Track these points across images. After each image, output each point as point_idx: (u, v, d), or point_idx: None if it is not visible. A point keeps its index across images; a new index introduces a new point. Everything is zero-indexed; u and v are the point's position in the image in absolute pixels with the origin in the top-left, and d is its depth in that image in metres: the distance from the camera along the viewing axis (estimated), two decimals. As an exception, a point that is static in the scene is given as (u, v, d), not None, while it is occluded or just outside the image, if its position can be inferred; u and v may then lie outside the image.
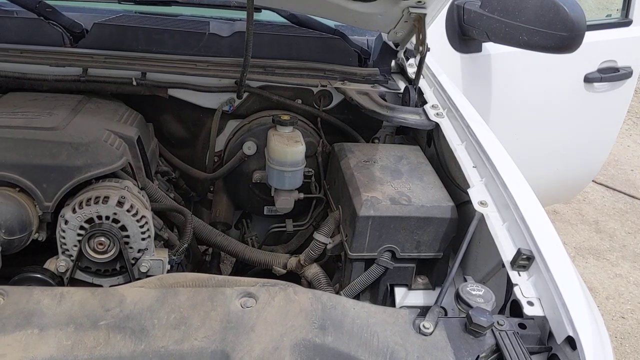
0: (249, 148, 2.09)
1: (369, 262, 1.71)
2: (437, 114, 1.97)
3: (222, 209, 2.24)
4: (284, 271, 1.91)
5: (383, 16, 2.03)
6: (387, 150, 1.95)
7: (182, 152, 2.27)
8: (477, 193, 1.64)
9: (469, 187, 1.69)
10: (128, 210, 1.53)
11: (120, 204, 1.52)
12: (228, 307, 1.14)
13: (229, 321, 1.12)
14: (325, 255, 1.88)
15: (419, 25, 2.01)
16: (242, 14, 2.27)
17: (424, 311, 1.28)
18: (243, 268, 2.33)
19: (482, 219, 1.57)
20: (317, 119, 2.18)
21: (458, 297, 1.33)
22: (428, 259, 1.74)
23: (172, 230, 1.95)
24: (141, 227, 1.55)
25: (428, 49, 1.99)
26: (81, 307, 1.09)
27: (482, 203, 1.60)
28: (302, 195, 2.00)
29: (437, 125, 1.95)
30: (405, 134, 2.31)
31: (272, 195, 2.02)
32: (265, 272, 2.06)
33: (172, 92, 2.09)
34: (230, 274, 2.33)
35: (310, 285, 1.84)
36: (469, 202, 1.71)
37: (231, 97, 2.14)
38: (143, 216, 1.56)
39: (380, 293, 1.75)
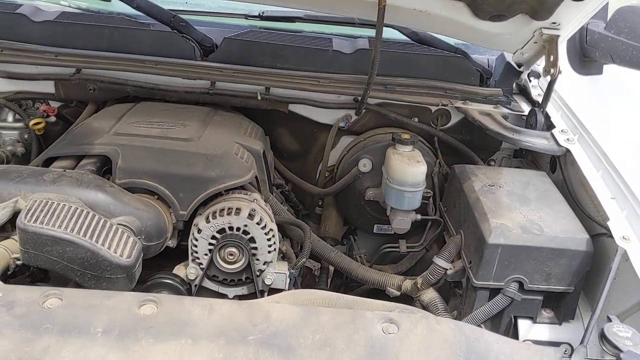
0: (365, 165, 2.08)
1: (494, 292, 1.64)
2: (568, 139, 1.88)
3: (332, 224, 2.24)
4: (398, 293, 1.87)
5: (512, 36, 1.96)
6: (511, 174, 1.88)
7: (292, 165, 2.30)
8: (619, 227, 1.54)
9: (604, 219, 1.59)
10: (258, 223, 1.55)
11: (251, 216, 1.54)
12: (370, 331, 1.12)
13: (373, 346, 1.09)
14: (441, 280, 1.83)
15: (550, 46, 1.93)
16: (363, 31, 2.28)
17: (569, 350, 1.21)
18: (347, 285, 2.32)
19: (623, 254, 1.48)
20: (433, 138, 2.14)
21: (604, 338, 1.24)
22: (555, 292, 1.65)
23: (283, 242, 1.96)
24: (268, 239, 1.57)
25: (560, 72, 1.91)
26: (230, 320, 1.10)
27: (624, 238, 1.50)
28: (419, 217, 1.96)
29: (567, 151, 1.86)
30: (523, 157, 2.22)
31: (388, 214, 1.99)
32: (374, 291, 2.03)
33: (292, 107, 2.12)
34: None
35: (425, 309, 1.79)
36: (602, 234, 1.61)
37: (348, 113, 2.15)
38: (271, 229, 1.57)
39: (502, 324, 1.68)
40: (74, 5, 2.23)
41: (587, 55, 2.77)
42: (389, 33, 2.25)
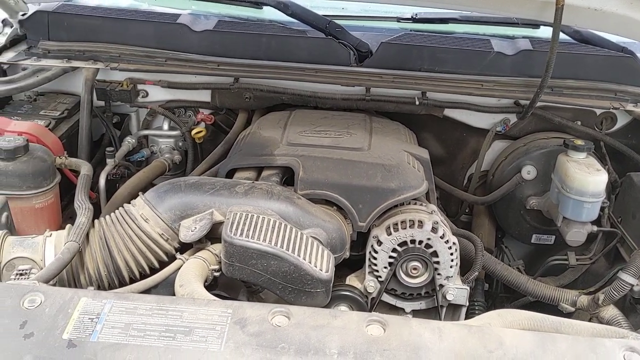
0: (529, 172, 1.98)
1: (695, 312, 1.52)
2: None
3: (485, 233, 2.15)
4: (573, 309, 1.76)
5: (697, 33, 1.80)
6: (700, 184, 1.73)
7: (436, 171, 2.21)
8: None
9: None
10: (441, 237, 1.49)
11: (434, 229, 1.49)
12: (613, 361, 1.04)
13: (618, 379, 1.01)
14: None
15: None
16: (519, 31, 2.18)
17: None
18: (496, 295, 2.22)
19: None
20: (598, 142, 2.01)
21: None
22: None
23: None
24: (451, 254, 1.51)
25: None
26: (462, 344, 1.05)
27: None
28: (595, 228, 1.83)
29: None
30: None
31: (558, 225, 1.88)
32: (535, 304, 1.93)
33: (446, 111, 2.05)
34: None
35: (606, 328, 1.68)
36: None
37: (506, 117, 2.06)
38: (454, 243, 1.51)
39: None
40: (225, 13, 2.25)
41: None
42: (544, 33, 2.14)
